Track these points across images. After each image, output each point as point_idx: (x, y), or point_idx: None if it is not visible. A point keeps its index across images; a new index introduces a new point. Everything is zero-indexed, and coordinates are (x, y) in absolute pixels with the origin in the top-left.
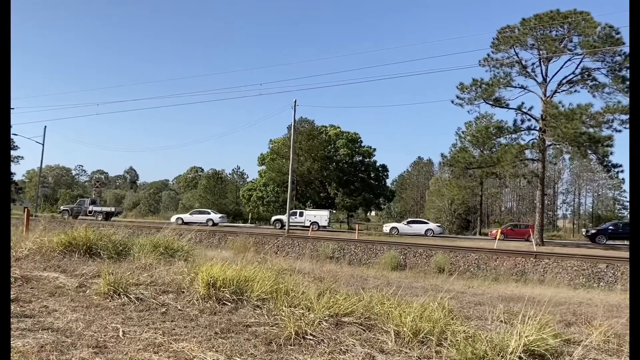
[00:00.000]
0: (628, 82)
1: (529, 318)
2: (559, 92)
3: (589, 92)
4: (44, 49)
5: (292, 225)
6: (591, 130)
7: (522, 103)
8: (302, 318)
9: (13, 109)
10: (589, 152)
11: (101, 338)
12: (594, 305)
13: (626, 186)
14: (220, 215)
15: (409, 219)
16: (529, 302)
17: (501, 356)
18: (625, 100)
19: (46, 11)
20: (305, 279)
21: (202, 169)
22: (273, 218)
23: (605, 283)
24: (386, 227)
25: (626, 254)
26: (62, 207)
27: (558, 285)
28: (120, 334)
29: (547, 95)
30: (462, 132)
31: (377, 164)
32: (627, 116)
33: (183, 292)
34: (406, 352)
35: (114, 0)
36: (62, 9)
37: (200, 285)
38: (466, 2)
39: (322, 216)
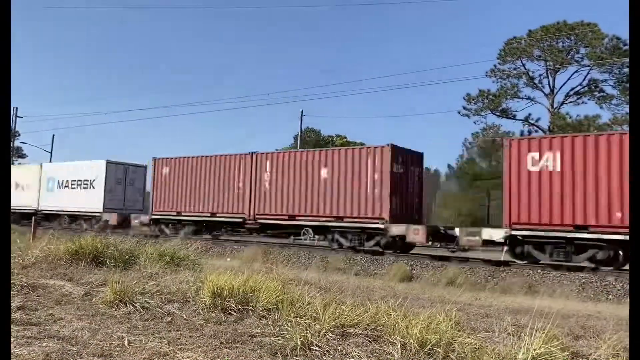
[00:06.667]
0: None
1: (537, 331)
2: (566, 104)
3: (596, 103)
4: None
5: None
6: None
7: (529, 114)
8: (308, 329)
9: (21, 117)
10: None
11: (106, 347)
12: (603, 318)
13: None
14: None
15: None
16: (537, 315)
17: None
18: None
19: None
20: (311, 290)
21: None
22: None
23: (613, 296)
24: None
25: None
26: None
27: (567, 297)
28: (126, 342)
29: (555, 106)
30: (469, 142)
31: None
32: None
33: (189, 301)
34: None
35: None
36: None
37: (206, 295)
38: (471, 13)
39: None
